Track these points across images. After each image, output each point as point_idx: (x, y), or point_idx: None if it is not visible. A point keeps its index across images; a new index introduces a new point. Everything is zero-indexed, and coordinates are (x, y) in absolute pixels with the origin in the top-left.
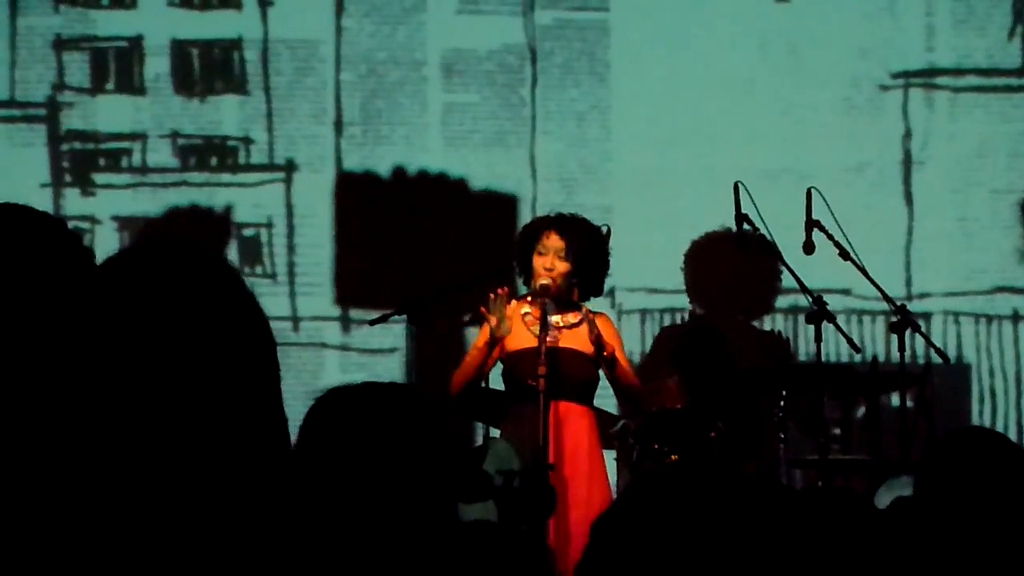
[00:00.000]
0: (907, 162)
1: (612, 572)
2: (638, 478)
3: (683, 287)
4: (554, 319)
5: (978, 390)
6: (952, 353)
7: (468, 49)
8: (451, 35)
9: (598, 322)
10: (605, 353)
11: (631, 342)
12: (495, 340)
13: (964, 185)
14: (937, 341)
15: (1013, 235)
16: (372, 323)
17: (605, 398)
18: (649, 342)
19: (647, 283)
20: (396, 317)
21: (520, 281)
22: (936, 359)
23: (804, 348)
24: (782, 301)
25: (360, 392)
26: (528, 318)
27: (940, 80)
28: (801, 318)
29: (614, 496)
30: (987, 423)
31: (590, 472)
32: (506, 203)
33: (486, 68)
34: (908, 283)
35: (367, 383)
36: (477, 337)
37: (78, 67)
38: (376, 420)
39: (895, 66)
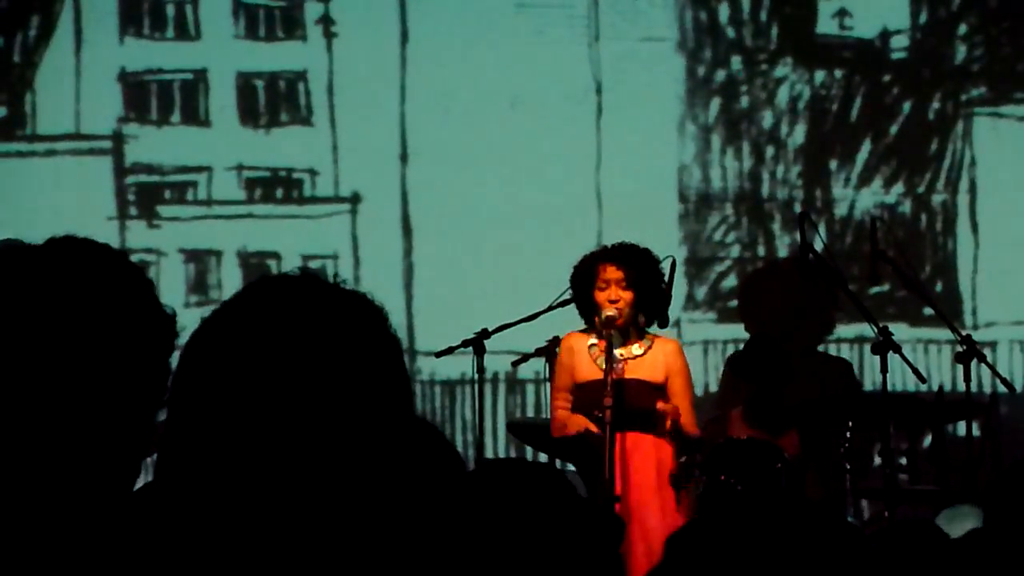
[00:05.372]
0: (973, 191)
1: None
2: (711, 504)
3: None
4: (619, 351)
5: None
6: (1019, 382)
7: (534, 79)
8: (517, 65)
9: (666, 352)
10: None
11: (694, 373)
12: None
13: None
14: (1003, 370)
15: None
16: (439, 355)
17: None
18: (712, 372)
19: (711, 314)
20: (463, 349)
21: (579, 315)
22: (1002, 389)
23: (870, 378)
24: (847, 331)
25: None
26: (594, 350)
27: (1005, 109)
28: (866, 348)
29: None
30: None
31: (661, 502)
32: (571, 234)
33: (552, 98)
34: (974, 312)
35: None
36: (555, 374)
37: (143, 100)
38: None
39: (961, 96)
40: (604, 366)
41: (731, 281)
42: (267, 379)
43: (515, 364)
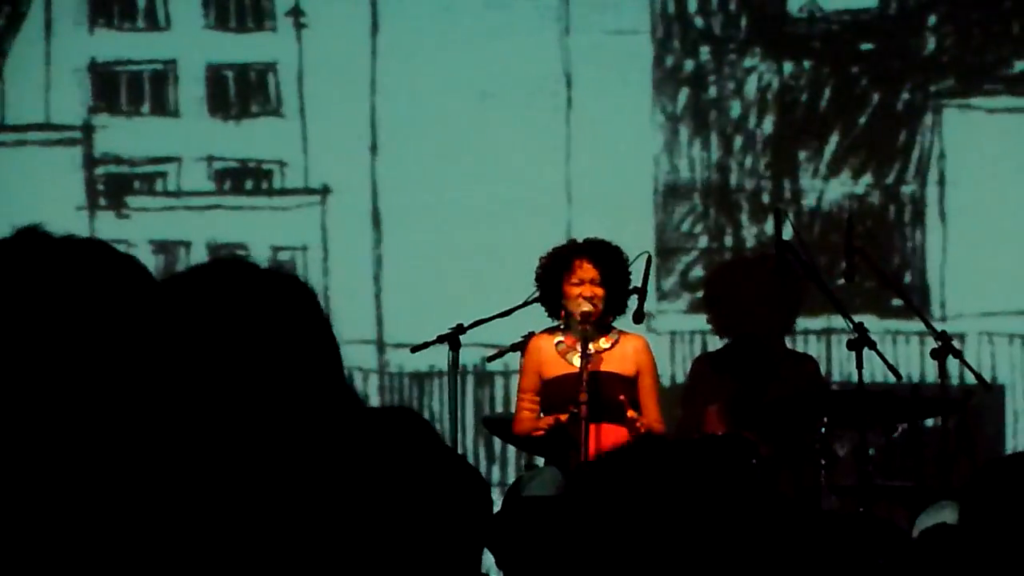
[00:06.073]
0: (942, 182)
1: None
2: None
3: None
4: (589, 346)
5: (1012, 411)
6: (987, 373)
7: (503, 71)
8: (487, 57)
9: (635, 348)
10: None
11: (661, 364)
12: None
13: (999, 205)
14: (971, 360)
15: None
16: (414, 350)
17: None
18: (679, 363)
19: (680, 305)
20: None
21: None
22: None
23: (838, 370)
24: (815, 323)
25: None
26: (561, 346)
27: (975, 100)
28: (835, 339)
29: None
30: (1021, 445)
31: None
32: (541, 226)
33: (522, 91)
34: (943, 304)
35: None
36: (521, 375)
37: (113, 90)
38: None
39: (930, 87)
40: (572, 361)
41: (699, 272)
42: (193, 355)
43: (490, 359)
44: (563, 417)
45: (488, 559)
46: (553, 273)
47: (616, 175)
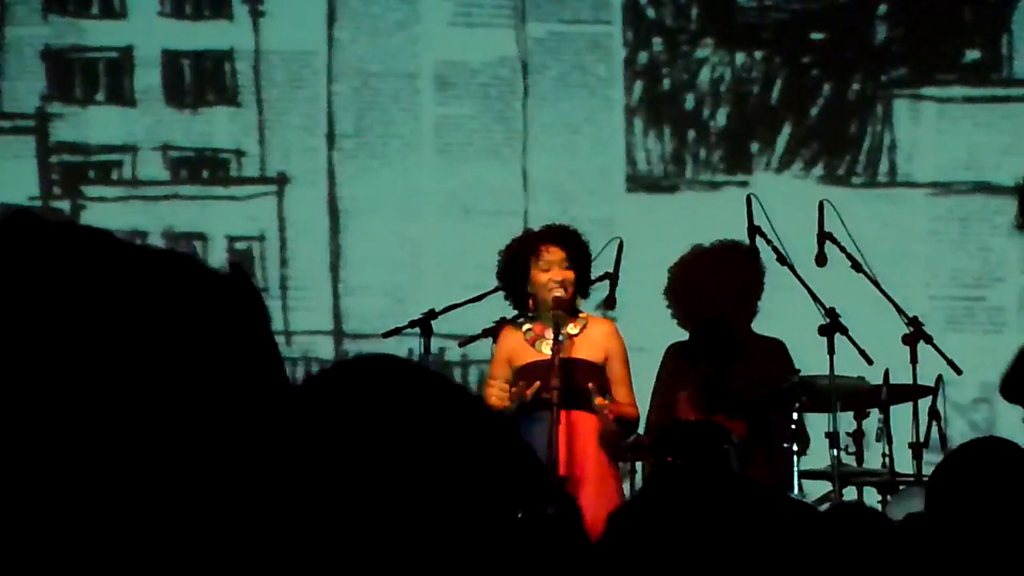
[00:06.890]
0: (892, 173)
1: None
2: (656, 476)
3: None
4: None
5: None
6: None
7: (461, 61)
8: (444, 47)
9: (603, 333)
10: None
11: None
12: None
13: (948, 196)
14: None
15: (995, 247)
16: (385, 335)
17: None
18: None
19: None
20: (409, 330)
21: (506, 295)
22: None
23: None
24: None
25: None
26: (530, 334)
27: (926, 90)
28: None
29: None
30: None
31: (599, 478)
32: (498, 216)
33: (479, 81)
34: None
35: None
36: (491, 363)
37: (67, 78)
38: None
39: (881, 77)
40: (541, 349)
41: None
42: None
43: (462, 344)
44: (528, 392)
45: None
46: (518, 262)
47: (573, 165)
